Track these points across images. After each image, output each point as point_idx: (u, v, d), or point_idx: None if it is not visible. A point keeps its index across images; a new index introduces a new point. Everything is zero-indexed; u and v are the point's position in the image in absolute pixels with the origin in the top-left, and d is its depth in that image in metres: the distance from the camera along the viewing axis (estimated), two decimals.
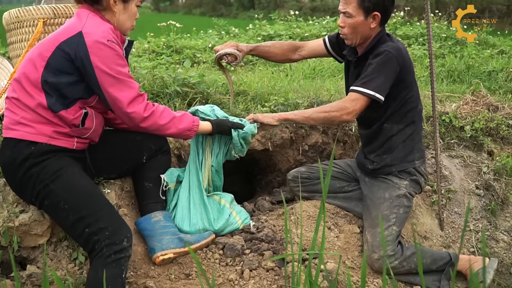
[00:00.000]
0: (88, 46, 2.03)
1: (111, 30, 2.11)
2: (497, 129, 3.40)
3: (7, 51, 3.36)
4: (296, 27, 6.64)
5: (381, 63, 2.35)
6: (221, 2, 27.34)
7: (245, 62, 5.51)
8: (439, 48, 5.94)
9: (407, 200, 2.54)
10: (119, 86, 2.07)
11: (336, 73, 4.61)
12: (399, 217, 2.49)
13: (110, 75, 2.05)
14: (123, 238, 2.03)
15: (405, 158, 2.54)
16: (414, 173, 2.56)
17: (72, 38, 2.05)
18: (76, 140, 2.16)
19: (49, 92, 2.05)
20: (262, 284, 2.25)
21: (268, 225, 2.59)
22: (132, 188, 2.54)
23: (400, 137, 2.51)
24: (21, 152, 2.05)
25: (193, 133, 2.30)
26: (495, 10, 15.56)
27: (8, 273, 2.28)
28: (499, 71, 4.51)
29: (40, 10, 2.82)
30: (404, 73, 2.40)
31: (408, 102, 2.48)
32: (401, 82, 2.42)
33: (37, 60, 2.07)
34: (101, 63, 2.03)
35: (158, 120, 2.17)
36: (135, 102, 2.11)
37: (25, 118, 2.06)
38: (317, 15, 9.43)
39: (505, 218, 3.03)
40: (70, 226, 2.08)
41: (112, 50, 2.06)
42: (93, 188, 2.15)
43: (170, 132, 2.24)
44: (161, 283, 2.24)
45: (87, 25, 2.08)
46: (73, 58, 2.04)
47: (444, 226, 2.85)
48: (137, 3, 2.25)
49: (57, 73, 2.05)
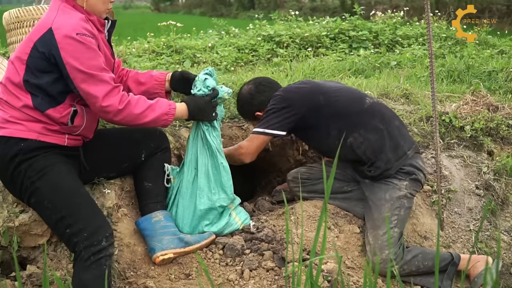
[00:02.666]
0: (58, 42, 1.98)
1: (81, 21, 2.04)
2: (497, 129, 3.40)
3: (7, 51, 3.36)
4: (296, 27, 6.64)
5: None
6: (221, 2, 27.35)
7: (245, 62, 5.52)
8: (439, 48, 5.94)
9: (408, 200, 2.54)
10: (91, 81, 2.01)
11: (336, 73, 4.61)
12: (400, 219, 2.50)
13: (81, 70, 2.00)
14: (101, 239, 2.01)
15: (395, 155, 2.53)
16: (412, 172, 2.55)
17: (43, 36, 2.01)
18: (67, 137, 2.14)
19: (34, 93, 2.05)
20: (262, 284, 2.25)
21: (268, 225, 2.59)
22: (132, 188, 2.54)
23: (369, 143, 2.52)
24: (11, 149, 2.04)
25: (171, 117, 2.22)
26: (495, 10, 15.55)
27: (8, 273, 2.28)
28: (499, 71, 4.50)
29: (40, 10, 2.82)
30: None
31: (332, 121, 2.53)
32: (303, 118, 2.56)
33: (16, 64, 2.06)
34: (71, 58, 1.99)
35: (134, 110, 2.10)
36: (109, 96, 2.05)
37: (14, 117, 2.06)
38: (317, 15, 9.43)
39: (505, 218, 3.03)
40: (53, 226, 2.09)
41: (82, 44, 1.99)
42: (77, 188, 2.11)
43: (147, 120, 2.15)
44: (161, 283, 2.24)
45: (56, 19, 2.03)
46: (48, 57, 2.01)
47: (444, 226, 2.85)
48: None
49: (37, 74, 2.04)
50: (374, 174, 2.56)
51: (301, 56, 5.59)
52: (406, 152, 2.56)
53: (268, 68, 4.85)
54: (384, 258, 2.41)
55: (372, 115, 2.56)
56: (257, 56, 5.77)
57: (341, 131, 2.49)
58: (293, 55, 5.72)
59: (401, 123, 2.67)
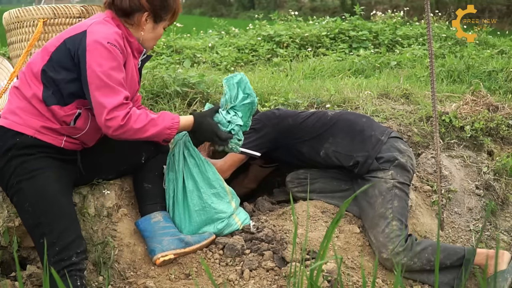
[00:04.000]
0: (87, 44, 2.01)
1: (117, 34, 2.08)
2: (497, 129, 3.40)
3: (7, 51, 3.36)
4: (296, 27, 6.64)
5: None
6: (221, 2, 27.33)
7: (245, 62, 5.52)
8: (439, 48, 5.94)
9: (399, 190, 2.48)
10: (106, 90, 2.00)
11: (336, 73, 4.61)
12: (395, 210, 2.44)
13: (100, 77, 1.99)
14: (72, 254, 1.99)
15: (369, 144, 2.53)
16: (393, 158, 2.50)
17: (76, 35, 2.06)
18: (65, 139, 2.12)
19: (47, 85, 2.06)
20: (262, 284, 2.25)
21: (268, 225, 2.59)
22: (132, 188, 2.54)
23: (340, 147, 2.57)
24: (6, 142, 2.04)
25: (174, 131, 2.17)
26: (495, 10, 15.56)
27: (8, 273, 2.28)
28: (499, 71, 4.50)
29: (40, 10, 2.82)
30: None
31: (300, 140, 2.64)
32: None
33: (42, 54, 2.09)
34: (95, 63, 2.00)
35: (134, 124, 2.04)
36: (116, 109, 2.01)
37: (18, 107, 2.06)
38: (317, 15, 9.43)
39: (505, 218, 3.03)
40: (29, 230, 2.06)
41: (109, 53, 2.01)
42: (61, 197, 2.07)
43: (148, 135, 2.10)
44: (161, 283, 2.24)
45: (94, 25, 2.08)
46: (73, 55, 2.04)
47: (444, 226, 2.85)
48: (165, 25, 2.27)
49: (57, 68, 2.06)
50: (360, 171, 2.56)
51: (301, 56, 5.60)
52: (380, 138, 2.55)
53: (268, 68, 4.86)
54: (390, 254, 2.37)
55: (336, 123, 2.65)
56: (257, 56, 5.77)
57: (313, 148, 2.63)
58: (293, 55, 5.73)
59: (368, 119, 2.72)
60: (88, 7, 2.89)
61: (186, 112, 3.07)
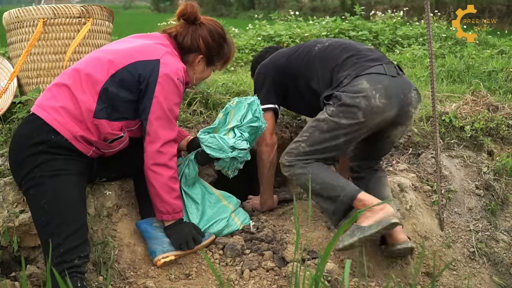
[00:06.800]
0: (159, 76, 2.11)
1: (184, 71, 2.23)
2: (497, 129, 3.40)
3: (7, 51, 3.36)
4: (296, 27, 6.64)
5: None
6: (221, 2, 27.35)
7: (245, 62, 5.52)
8: (439, 48, 5.94)
9: (328, 125, 2.39)
10: (165, 122, 2.15)
11: None
12: (311, 137, 2.42)
13: (164, 109, 2.13)
14: (74, 257, 2.00)
15: (333, 83, 2.49)
16: (339, 97, 2.38)
17: (149, 62, 2.13)
18: (93, 149, 2.16)
19: (103, 99, 2.08)
20: (262, 284, 2.25)
21: (268, 225, 2.59)
22: (132, 188, 2.54)
23: (322, 80, 2.55)
24: (40, 134, 2.04)
25: (167, 216, 2.26)
26: (495, 10, 15.58)
27: (8, 273, 2.28)
28: (499, 71, 4.50)
29: (40, 10, 2.82)
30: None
31: (294, 78, 2.66)
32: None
33: (107, 66, 2.11)
34: (162, 96, 2.12)
35: (169, 173, 2.19)
36: (169, 145, 2.18)
37: (63, 107, 2.05)
38: (317, 15, 9.43)
39: (505, 218, 3.03)
40: (39, 227, 2.06)
41: (177, 89, 2.16)
42: (78, 203, 2.09)
43: (157, 192, 2.21)
44: (161, 283, 2.24)
45: (166, 56, 2.18)
46: (142, 80, 2.11)
47: (444, 226, 2.85)
48: (214, 69, 2.42)
49: (120, 85, 2.10)
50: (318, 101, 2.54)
51: None
52: (343, 81, 2.43)
53: None
54: (282, 162, 2.50)
55: (321, 59, 2.59)
56: None
57: (307, 86, 2.63)
58: None
59: (350, 58, 2.52)
60: (88, 7, 2.89)
61: (186, 112, 3.07)
